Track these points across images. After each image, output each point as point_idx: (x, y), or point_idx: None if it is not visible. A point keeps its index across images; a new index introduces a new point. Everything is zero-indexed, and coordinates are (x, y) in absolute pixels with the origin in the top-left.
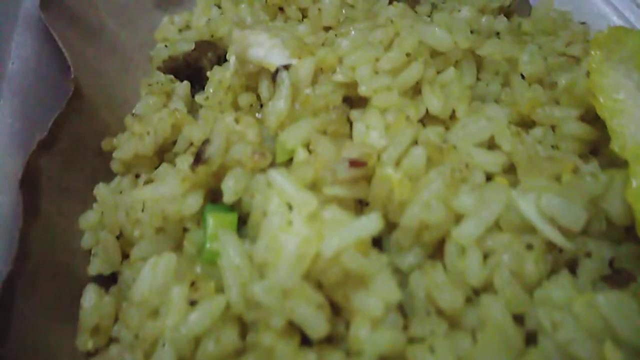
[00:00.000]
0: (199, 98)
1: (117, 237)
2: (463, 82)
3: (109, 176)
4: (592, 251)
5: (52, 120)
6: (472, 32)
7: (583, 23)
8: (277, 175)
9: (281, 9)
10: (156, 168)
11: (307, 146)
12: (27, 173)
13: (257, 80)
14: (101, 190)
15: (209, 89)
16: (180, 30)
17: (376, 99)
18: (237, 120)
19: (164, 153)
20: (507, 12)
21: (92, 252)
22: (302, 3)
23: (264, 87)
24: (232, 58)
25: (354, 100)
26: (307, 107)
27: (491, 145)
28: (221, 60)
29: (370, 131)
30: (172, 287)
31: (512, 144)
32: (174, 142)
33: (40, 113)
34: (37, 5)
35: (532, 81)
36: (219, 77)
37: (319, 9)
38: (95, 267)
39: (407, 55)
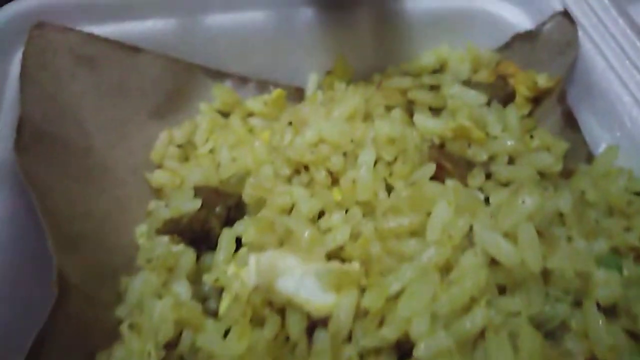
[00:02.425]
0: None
1: None
2: (531, 309)
3: None
4: None
5: (30, 342)
6: (539, 233)
7: None
8: None
9: (306, 167)
10: None
11: None
12: None
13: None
14: None
15: (224, 301)
16: (178, 146)
17: None
18: None
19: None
20: (568, 171)
21: None
22: (333, 166)
23: (294, 326)
24: (251, 269)
25: (400, 345)
26: None
27: None
28: (231, 212)
29: None
30: None
31: None
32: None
33: (15, 317)
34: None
35: (607, 305)
36: (236, 290)
37: (354, 181)
38: None
39: (472, 299)
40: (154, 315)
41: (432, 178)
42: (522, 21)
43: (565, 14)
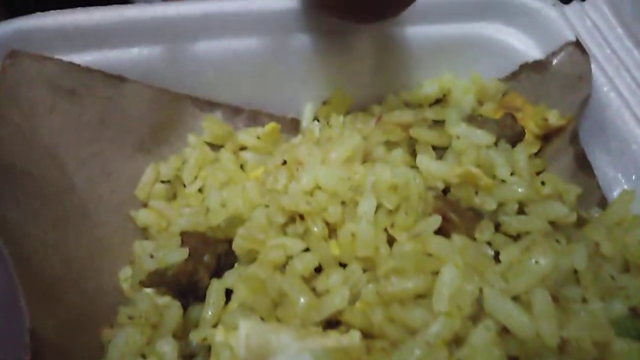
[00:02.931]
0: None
1: None
2: None
3: None
4: None
5: None
6: (554, 298)
7: None
8: None
9: (302, 216)
10: None
11: None
12: None
13: None
14: None
15: None
16: (165, 182)
17: None
18: None
19: None
20: (581, 219)
21: None
22: (330, 217)
23: None
24: (240, 344)
25: None
26: None
27: None
28: (220, 260)
29: None
30: None
31: None
32: None
33: None
34: None
35: None
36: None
37: (353, 234)
38: None
39: None
40: None
41: (437, 231)
42: (530, 50)
43: (577, 45)
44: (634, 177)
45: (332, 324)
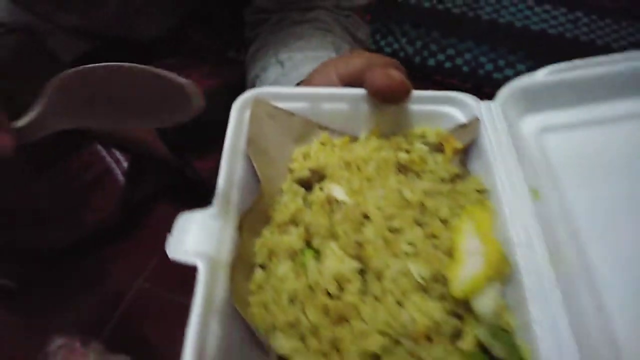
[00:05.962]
0: None
1: None
2: None
3: None
4: None
5: None
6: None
7: None
8: None
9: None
10: None
11: None
12: None
13: None
14: None
15: None
16: (304, 156)
17: None
18: None
19: None
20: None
21: None
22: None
23: None
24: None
25: None
26: None
27: None
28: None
29: None
30: None
31: None
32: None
33: None
34: None
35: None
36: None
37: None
38: None
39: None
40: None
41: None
42: (462, 118)
43: (477, 119)
44: (484, 172)
45: None
